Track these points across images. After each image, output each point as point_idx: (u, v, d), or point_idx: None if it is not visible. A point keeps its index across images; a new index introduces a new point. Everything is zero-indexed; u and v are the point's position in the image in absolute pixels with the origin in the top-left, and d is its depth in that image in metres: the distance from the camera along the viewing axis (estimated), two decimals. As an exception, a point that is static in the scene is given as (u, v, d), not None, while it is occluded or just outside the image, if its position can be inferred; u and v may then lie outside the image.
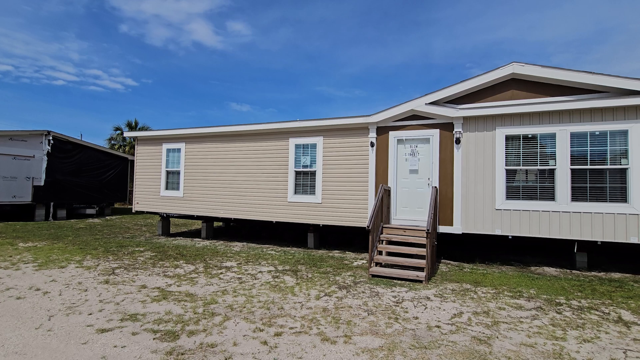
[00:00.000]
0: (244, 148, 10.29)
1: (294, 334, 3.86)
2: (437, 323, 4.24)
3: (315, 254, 8.58)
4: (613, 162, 6.75)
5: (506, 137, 7.51)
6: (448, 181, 7.94)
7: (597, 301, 5.16)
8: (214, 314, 4.41)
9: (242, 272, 6.66)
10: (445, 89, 7.96)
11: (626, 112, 6.69)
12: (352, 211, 8.79)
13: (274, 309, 4.63)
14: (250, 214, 10.04)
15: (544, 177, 7.24)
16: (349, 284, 5.92)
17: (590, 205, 6.83)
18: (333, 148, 9.16)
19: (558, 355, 3.44)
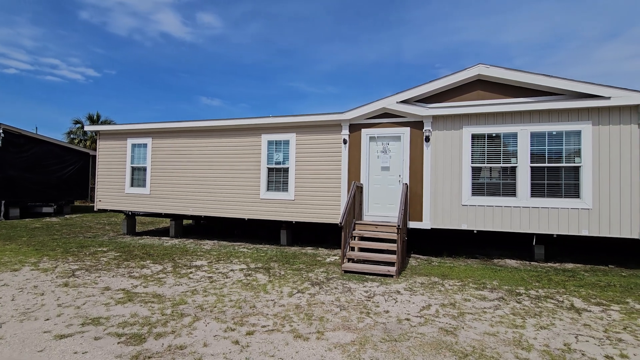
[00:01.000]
0: (215, 144, 10.04)
1: (266, 332, 3.83)
2: (407, 316, 4.36)
3: (288, 251, 8.55)
4: (568, 160, 7.22)
5: (472, 135, 7.82)
6: (418, 178, 8.16)
7: (552, 290, 5.51)
8: (183, 315, 4.28)
9: (213, 271, 6.52)
10: (416, 88, 8.16)
11: (579, 114, 7.17)
12: (325, 208, 8.83)
13: (246, 308, 4.57)
14: (222, 212, 9.83)
15: (506, 174, 7.62)
16: (322, 281, 5.96)
17: (547, 201, 7.28)
18: (306, 145, 9.14)
19: (518, 342, 3.65)
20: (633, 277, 6.38)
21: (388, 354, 3.33)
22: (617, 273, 6.68)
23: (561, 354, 3.41)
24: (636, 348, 3.55)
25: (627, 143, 6.87)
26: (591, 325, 4.15)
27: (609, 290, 5.56)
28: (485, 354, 3.37)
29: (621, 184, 6.87)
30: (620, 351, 3.47)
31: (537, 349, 3.51)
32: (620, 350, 3.49)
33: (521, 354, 3.38)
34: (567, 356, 3.36)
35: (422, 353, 3.37)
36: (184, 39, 63.57)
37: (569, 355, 3.37)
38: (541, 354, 3.39)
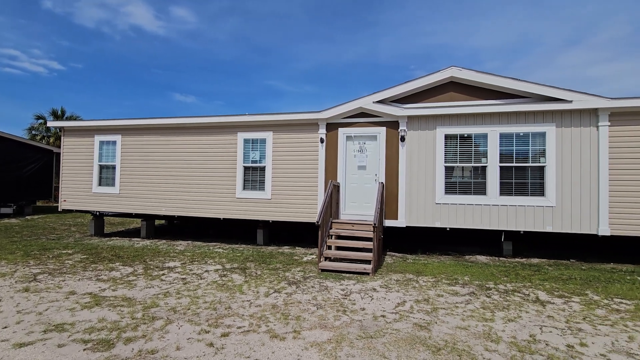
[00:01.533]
0: (190, 142, 9.77)
1: (242, 333, 3.77)
2: (383, 313, 4.43)
3: (264, 251, 8.47)
4: (534, 160, 7.58)
5: (445, 136, 8.04)
6: (394, 177, 8.31)
7: (519, 284, 5.77)
8: (155, 318, 4.14)
9: (187, 272, 6.35)
10: (391, 88, 8.29)
11: (544, 116, 7.54)
12: (302, 207, 8.81)
13: (221, 309, 4.48)
14: (196, 211, 9.59)
15: (477, 173, 7.89)
16: (299, 280, 5.94)
17: (515, 199, 7.61)
18: (283, 143, 9.08)
19: (487, 335, 3.79)
20: (592, 270, 6.80)
21: (364, 351, 3.37)
22: (578, 267, 7.09)
23: (527, 344, 3.57)
24: (594, 337, 3.78)
25: (587, 144, 7.30)
26: (554, 316, 4.37)
27: (570, 283, 5.89)
28: (457, 347, 3.48)
29: (581, 183, 7.29)
30: (580, 340, 3.69)
31: (505, 340, 3.66)
32: (580, 339, 3.70)
33: (490, 346, 3.51)
34: (532, 347, 3.52)
35: (397, 349, 3.43)
36: (156, 33, 61.44)
37: (534, 346, 3.54)
38: (509, 346, 3.54)
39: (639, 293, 5.32)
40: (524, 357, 3.29)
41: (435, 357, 3.28)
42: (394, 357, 3.26)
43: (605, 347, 3.52)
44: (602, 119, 7.20)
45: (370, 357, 3.26)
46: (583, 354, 3.38)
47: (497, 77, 7.72)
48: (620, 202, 7.10)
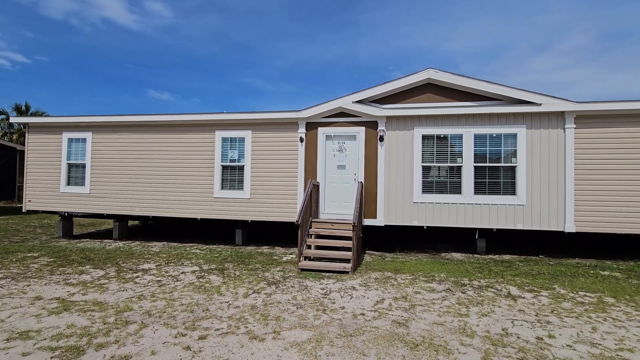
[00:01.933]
0: (166, 140, 9.49)
1: (220, 335, 3.70)
2: (362, 311, 4.47)
3: (243, 251, 8.36)
4: (506, 160, 7.88)
5: (423, 136, 8.22)
6: (372, 176, 8.40)
7: (492, 280, 5.98)
8: (128, 323, 3.99)
9: (162, 275, 6.17)
10: (370, 88, 8.38)
11: (516, 118, 7.84)
12: (281, 206, 8.76)
13: (198, 312, 4.38)
14: (172, 211, 9.34)
15: (453, 173, 8.11)
16: (278, 280, 5.90)
17: (488, 198, 7.88)
18: (262, 142, 8.98)
19: (463, 330, 3.91)
20: (559, 265, 7.14)
21: (344, 349, 3.39)
22: (546, 262, 7.43)
23: (500, 338, 3.71)
24: (561, 328, 3.97)
25: (555, 146, 7.66)
26: (525, 310, 4.56)
27: (539, 278, 6.16)
28: (434, 342, 3.56)
29: (549, 182, 7.64)
30: (549, 332, 3.86)
31: (479, 335, 3.78)
32: (549, 332, 3.88)
33: (465, 341, 3.62)
34: (504, 340, 3.66)
35: (376, 346, 3.47)
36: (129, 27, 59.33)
37: (506, 339, 3.68)
38: (483, 340, 3.66)
39: (601, 286, 5.64)
40: (497, 351, 3.41)
41: (413, 353, 3.34)
42: (373, 355, 3.29)
43: (571, 338, 3.71)
44: (568, 122, 7.58)
45: (350, 355, 3.28)
46: (551, 345, 3.54)
47: (472, 79, 7.96)
48: (584, 201, 7.50)
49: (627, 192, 7.35)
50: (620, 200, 7.39)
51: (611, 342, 3.63)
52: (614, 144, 7.45)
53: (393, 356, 3.27)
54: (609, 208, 7.42)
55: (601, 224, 7.44)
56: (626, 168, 7.37)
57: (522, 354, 3.35)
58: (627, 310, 4.59)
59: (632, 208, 7.33)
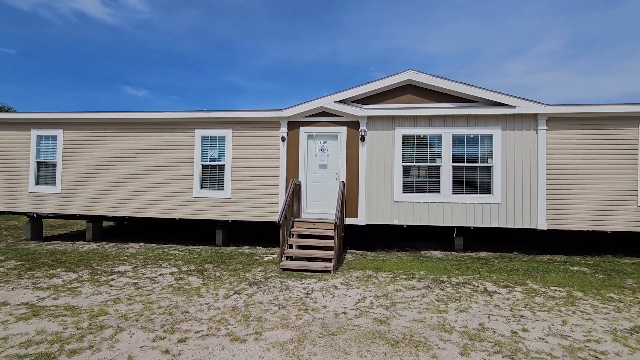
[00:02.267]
0: (143, 138, 9.21)
1: (201, 337, 3.63)
2: (344, 310, 4.50)
3: (224, 251, 8.23)
4: (482, 160, 8.12)
5: (403, 136, 8.35)
6: (354, 176, 8.47)
7: (469, 277, 6.16)
8: (103, 327, 3.85)
9: (139, 277, 5.99)
10: (352, 89, 8.43)
11: (492, 120, 8.10)
12: (262, 206, 8.69)
13: (177, 314, 4.28)
14: (150, 211, 9.08)
15: (432, 172, 8.29)
16: (260, 280, 5.85)
17: (466, 197, 8.10)
18: (243, 141, 8.87)
19: (442, 326, 4.00)
20: (532, 261, 7.43)
21: (326, 348, 3.40)
22: (520, 259, 7.71)
23: (477, 332, 3.82)
24: (534, 322, 4.14)
25: (528, 146, 7.96)
26: (500, 305, 4.72)
27: (513, 274, 6.39)
28: (414, 339, 3.63)
29: (523, 182, 7.94)
30: (522, 326, 4.02)
31: (457, 330, 3.88)
32: (522, 326, 4.03)
33: (444, 336, 3.71)
34: (481, 335, 3.77)
35: (357, 344, 3.50)
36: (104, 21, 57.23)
37: (483, 334, 3.79)
38: (461, 335, 3.76)
39: (570, 281, 5.92)
40: (474, 345, 3.52)
41: (394, 350, 3.39)
42: (355, 353, 3.32)
43: (543, 331, 3.87)
44: (540, 124, 7.89)
45: (332, 354, 3.30)
46: (525, 339, 3.68)
47: (450, 81, 8.16)
48: (555, 200, 7.84)
49: (594, 191, 7.74)
50: (588, 199, 7.76)
51: (580, 334, 3.81)
52: (582, 145, 7.82)
53: (374, 354, 3.31)
54: (578, 206, 7.79)
55: (570, 221, 7.80)
56: (593, 168, 7.75)
57: (498, 347, 3.47)
58: (594, 303, 4.83)
59: (599, 206, 7.72)
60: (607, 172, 7.72)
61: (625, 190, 7.66)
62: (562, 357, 3.30)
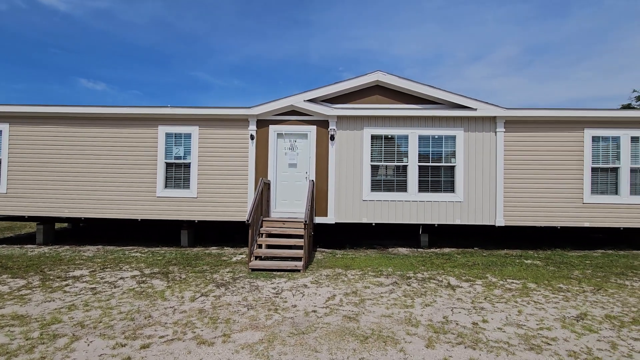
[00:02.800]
0: (101, 134, 8.69)
1: (165, 342, 3.49)
2: (314, 308, 4.51)
3: (189, 253, 7.97)
4: (446, 160, 8.46)
5: (372, 136, 8.51)
6: (324, 175, 8.51)
7: (434, 272, 6.40)
8: (57, 336, 3.59)
9: (97, 281, 5.65)
10: (322, 88, 8.47)
11: (455, 121, 8.46)
12: (231, 205, 8.50)
13: (140, 319, 4.08)
14: (108, 212, 8.58)
15: (399, 172, 8.52)
16: (228, 281, 5.73)
17: (431, 195, 8.40)
18: (210, 139, 8.63)
19: (408, 320, 4.13)
20: (491, 256, 7.86)
21: (296, 347, 3.39)
22: (480, 254, 8.13)
23: (441, 325, 3.98)
24: (493, 313, 4.38)
25: (488, 147, 8.40)
26: (462, 298, 4.95)
27: (474, 268, 6.72)
28: (382, 334, 3.72)
29: (483, 181, 8.37)
30: (483, 317, 4.24)
31: (423, 324, 4.02)
32: (483, 317, 4.25)
33: (411, 330, 3.83)
34: (445, 327, 3.94)
35: (327, 342, 3.52)
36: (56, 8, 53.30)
37: (447, 326, 3.96)
38: (426, 328, 3.90)
39: (525, 273, 6.32)
40: (439, 337, 3.66)
41: (363, 345, 3.45)
42: (325, 351, 3.34)
43: (502, 322, 4.11)
44: (499, 126, 8.36)
45: (302, 353, 3.29)
46: (485, 329, 3.89)
47: (417, 83, 8.42)
48: (512, 197, 8.34)
49: (546, 190, 8.32)
50: (540, 197, 8.33)
51: (533, 323, 4.08)
52: (535, 146, 8.37)
53: (344, 350, 3.35)
54: (532, 204, 8.34)
55: (525, 218, 8.34)
56: (545, 168, 8.34)
57: (461, 338, 3.64)
58: (545, 293, 5.20)
59: (550, 204, 8.31)
60: (557, 172, 8.33)
61: (573, 188, 8.31)
62: (518, 345, 3.52)
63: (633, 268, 6.77)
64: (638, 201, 8.24)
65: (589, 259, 7.59)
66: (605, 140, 8.34)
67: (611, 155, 8.34)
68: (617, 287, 5.55)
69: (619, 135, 8.30)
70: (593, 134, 8.31)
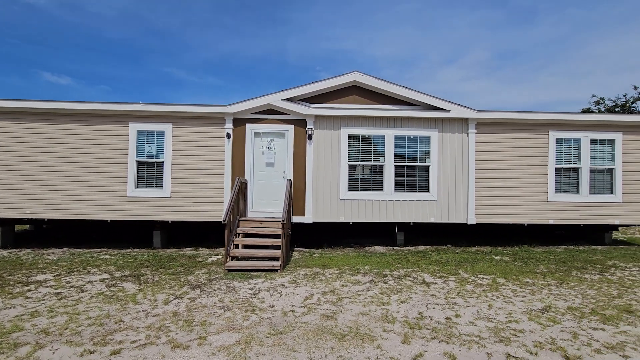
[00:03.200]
0: (67, 131, 8.25)
1: (138, 347, 3.37)
2: (292, 308, 4.50)
3: (163, 254, 7.73)
4: (421, 160, 8.68)
5: (349, 136, 8.59)
6: (301, 174, 8.50)
7: (409, 269, 6.55)
8: (18, 345, 3.39)
9: (63, 286, 5.37)
10: (300, 87, 8.45)
11: (429, 122, 8.69)
12: (206, 205, 8.32)
13: (110, 324, 3.92)
14: (75, 213, 8.17)
15: (376, 171, 8.65)
16: (204, 283, 5.60)
17: (406, 195, 8.59)
18: (185, 137, 8.40)
19: (385, 317, 4.20)
20: (463, 253, 8.13)
21: (274, 348, 3.37)
22: (453, 251, 8.40)
23: (417, 321, 4.08)
24: (465, 308, 4.54)
25: (460, 148, 8.69)
26: (436, 294, 5.10)
27: (447, 265, 6.94)
28: (359, 332, 3.76)
29: (456, 180, 8.65)
30: (455, 312, 4.38)
31: (399, 320, 4.11)
32: (455, 312, 4.40)
33: (387, 327, 3.90)
34: (420, 323, 4.04)
35: (305, 341, 3.53)
36: (15, -4, 50.19)
37: (422, 322, 4.06)
38: (402, 324, 3.98)
39: (494, 269, 6.60)
40: (414, 333, 3.75)
41: (341, 343, 3.48)
42: (303, 350, 3.34)
43: (473, 316, 4.27)
44: (471, 127, 8.67)
45: (280, 353, 3.28)
46: (458, 324, 4.02)
47: (393, 85, 8.57)
48: (483, 196, 8.67)
49: (514, 189, 8.72)
50: (509, 196, 8.72)
51: (503, 316, 4.27)
52: (504, 147, 8.75)
53: (322, 349, 3.36)
54: (501, 202, 8.71)
55: (495, 216, 8.70)
56: (513, 168, 8.73)
57: (435, 333, 3.74)
58: (513, 288, 5.45)
59: (518, 202, 8.71)
60: (524, 172, 8.74)
61: (539, 187, 8.75)
62: (488, 337, 3.67)
63: (592, 262, 7.22)
64: (596, 199, 8.80)
65: (553, 254, 8.02)
66: (567, 142, 8.84)
67: (573, 156, 8.85)
68: (578, 280, 5.90)
69: (580, 138, 8.82)
70: (557, 136, 8.79)
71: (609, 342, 3.58)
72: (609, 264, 7.06)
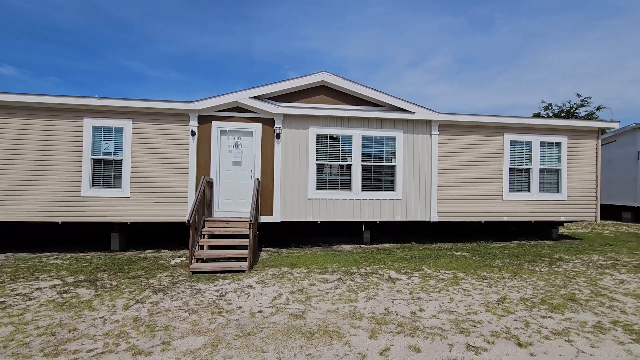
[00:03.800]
0: (12, 126, 7.57)
1: (95, 356, 3.17)
2: (260, 308, 4.45)
3: (121, 257, 7.33)
4: (387, 160, 8.91)
5: (317, 135, 8.63)
6: (269, 173, 8.42)
7: (376, 267, 6.71)
8: (-46, 361, 3.07)
9: (7, 294, 4.93)
10: (268, 85, 8.36)
11: (395, 124, 8.94)
12: (169, 205, 7.99)
13: (62, 333, 3.66)
14: (19, 214, 7.53)
15: (343, 171, 8.76)
16: (166, 286, 5.39)
17: (373, 194, 8.78)
18: (146, 134, 8.01)
19: (353, 314, 4.27)
20: (426, 250, 8.46)
21: (242, 350, 3.32)
22: (417, 248, 8.71)
23: (383, 317, 4.19)
24: (428, 302, 4.73)
25: (424, 149, 9.03)
26: (401, 290, 5.27)
27: (412, 261, 7.18)
28: (328, 329, 3.80)
29: (420, 180, 8.98)
30: (420, 307, 4.55)
31: (366, 316, 4.20)
32: (420, 306, 4.57)
33: (355, 324, 3.97)
34: (387, 318, 4.15)
35: (274, 341, 3.50)
36: (-52, -26, 45.32)
37: (388, 317, 4.18)
38: (369, 320, 4.07)
39: (455, 264, 6.93)
40: (381, 328, 3.85)
41: (310, 342, 3.49)
42: (272, 350, 3.32)
43: (436, 309, 4.46)
44: (434, 129, 9.03)
45: (248, 354, 3.23)
46: (422, 317, 4.18)
47: (361, 86, 8.72)
48: (444, 195, 9.07)
49: (473, 188, 9.20)
50: (468, 194, 9.19)
51: (463, 309, 4.49)
52: (464, 149, 9.21)
53: (291, 348, 3.36)
54: (461, 201, 9.16)
55: (456, 214, 9.13)
56: (472, 168, 9.21)
57: (400, 328, 3.87)
58: (472, 282, 5.75)
59: (476, 200, 9.21)
60: (482, 172, 9.25)
61: (494, 186, 9.30)
62: (450, 329, 3.85)
63: (541, 256, 7.80)
64: (545, 198, 9.52)
65: (507, 249, 8.56)
66: (520, 144, 9.48)
67: (525, 157, 9.50)
68: (529, 273, 6.35)
69: (531, 140, 9.49)
70: (511, 138, 9.39)
71: (556, 329, 3.89)
72: (556, 257, 7.66)
